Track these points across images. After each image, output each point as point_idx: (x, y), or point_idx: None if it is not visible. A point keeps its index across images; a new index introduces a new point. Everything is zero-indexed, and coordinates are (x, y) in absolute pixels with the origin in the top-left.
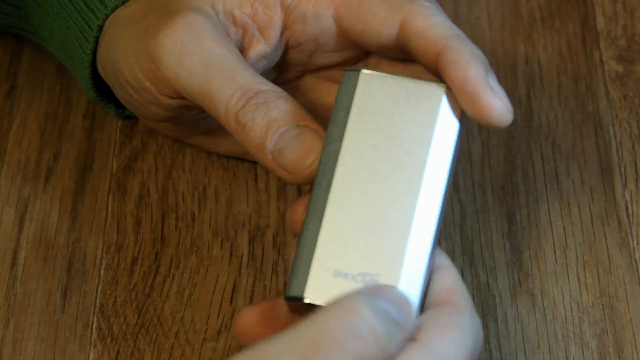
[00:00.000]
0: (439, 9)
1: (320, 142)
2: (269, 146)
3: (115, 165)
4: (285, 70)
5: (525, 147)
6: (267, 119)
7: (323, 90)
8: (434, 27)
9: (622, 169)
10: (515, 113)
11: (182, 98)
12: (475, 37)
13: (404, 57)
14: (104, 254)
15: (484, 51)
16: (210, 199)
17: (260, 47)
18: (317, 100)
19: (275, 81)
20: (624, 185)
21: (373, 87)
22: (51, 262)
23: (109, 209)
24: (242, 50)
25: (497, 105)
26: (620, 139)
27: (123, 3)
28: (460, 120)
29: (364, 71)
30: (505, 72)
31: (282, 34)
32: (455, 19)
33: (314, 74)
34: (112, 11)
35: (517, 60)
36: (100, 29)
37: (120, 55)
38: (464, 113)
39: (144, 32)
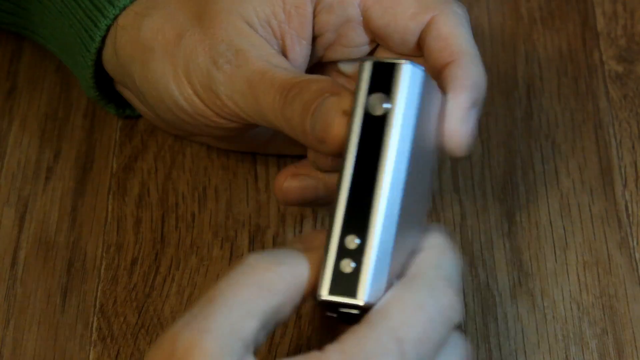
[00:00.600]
0: (467, 19)
1: (339, 102)
2: (309, 130)
3: (115, 165)
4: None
5: (525, 147)
6: (301, 106)
7: None
8: (457, 37)
9: (622, 169)
10: (515, 113)
11: (242, 119)
12: (475, 37)
13: (415, 54)
14: (104, 254)
15: (484, 50)
16: (210, 199)
17: (304, 46)
18: None
19: None
20: (624, 185)
21: (422, 82)
22: (51, 262)
23: (109, 209)
24: (285, 52)
25: (458, 136)
26: (620, 139)
27: (132, 2)
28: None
29: (420, 66)
30: (506, 72)
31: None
32: None
33: (320, 68)
34: (121, 11)
35: (517, 60)
36: (108, 28)
37: (170, 82)
38: None
39: (193, 63)
